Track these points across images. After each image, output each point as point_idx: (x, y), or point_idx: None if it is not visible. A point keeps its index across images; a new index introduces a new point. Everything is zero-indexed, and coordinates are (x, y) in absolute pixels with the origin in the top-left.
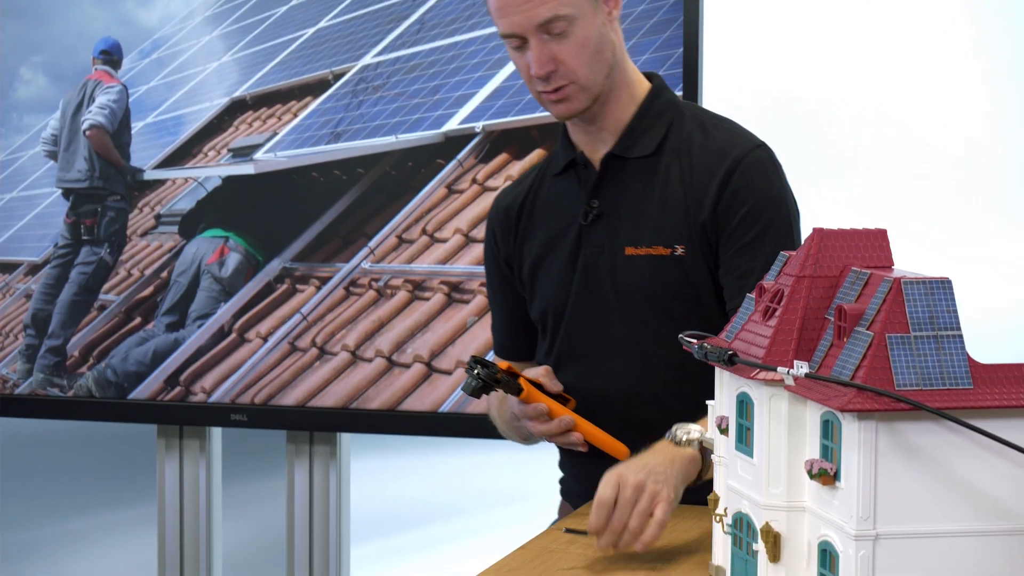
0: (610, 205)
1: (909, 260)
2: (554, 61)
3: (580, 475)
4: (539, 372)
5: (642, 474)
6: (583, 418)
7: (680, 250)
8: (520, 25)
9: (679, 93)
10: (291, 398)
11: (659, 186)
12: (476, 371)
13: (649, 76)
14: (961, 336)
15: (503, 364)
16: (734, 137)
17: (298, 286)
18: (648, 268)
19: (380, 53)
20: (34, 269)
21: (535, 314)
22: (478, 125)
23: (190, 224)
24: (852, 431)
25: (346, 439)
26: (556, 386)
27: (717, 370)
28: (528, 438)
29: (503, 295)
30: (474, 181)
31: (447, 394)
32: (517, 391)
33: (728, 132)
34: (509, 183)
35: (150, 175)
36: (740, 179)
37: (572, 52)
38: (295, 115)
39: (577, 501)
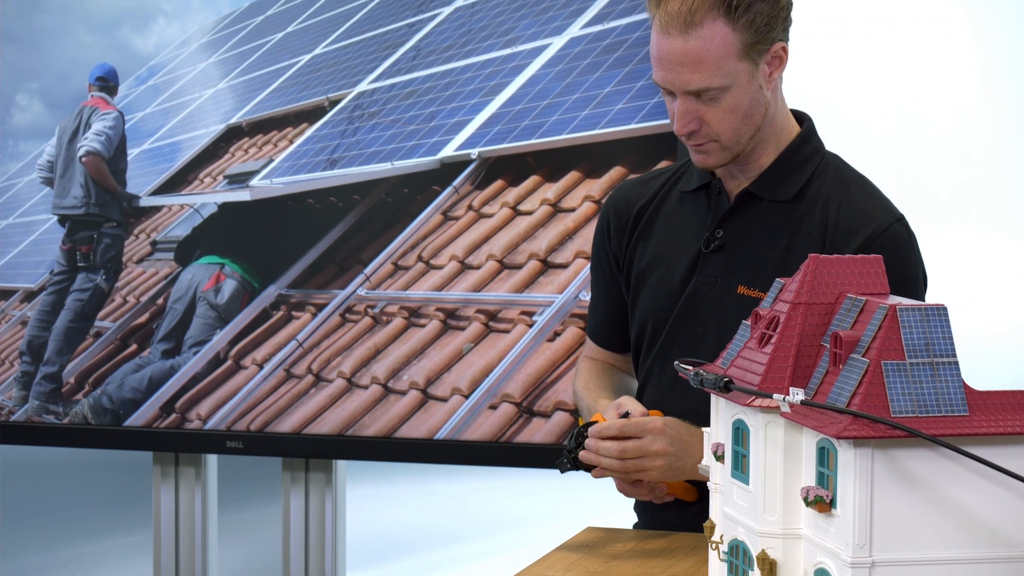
0: (734, 239)
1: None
2: (698, 121)
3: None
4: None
5: (672, 449)
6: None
7: None
8: (671, 83)
9: None
10: (287, 425)
11: (788, 234)
12: (568, 454)
13: (799, 117)
14: (957, 363)
15: (599, 418)
16: (875, 204)
17: (294, 313)
18: None
19: (376, 80)
20: (30, 296)
21: (634, 325)
22: (474, 152)
23: (186, 251)
24: (848, 458)
25: (342, 466)
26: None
27: (713, 397)
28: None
29: (605, 286)
30: (470, 208)
31: (443, 421)
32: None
33: (870, 196)
34: (633, 177)
35: (146, 201)
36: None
37: (718, 117)
38: (291, 142)
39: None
